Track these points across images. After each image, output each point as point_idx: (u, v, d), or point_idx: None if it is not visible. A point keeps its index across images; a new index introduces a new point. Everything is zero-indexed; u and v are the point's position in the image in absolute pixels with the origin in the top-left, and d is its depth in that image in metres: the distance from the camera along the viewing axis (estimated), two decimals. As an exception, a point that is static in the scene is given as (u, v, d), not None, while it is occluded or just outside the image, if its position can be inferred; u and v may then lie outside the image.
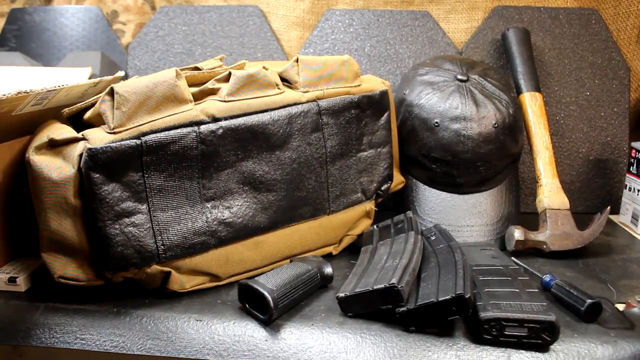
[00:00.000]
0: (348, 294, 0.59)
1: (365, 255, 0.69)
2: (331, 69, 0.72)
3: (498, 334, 0.54)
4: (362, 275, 0.62)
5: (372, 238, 0.73)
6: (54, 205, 0.57)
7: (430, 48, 1.05)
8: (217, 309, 0.61)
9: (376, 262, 0.65)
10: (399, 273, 0.57)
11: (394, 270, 0.58)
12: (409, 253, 0.62)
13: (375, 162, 0.77)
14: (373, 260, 0.66)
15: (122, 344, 0.58)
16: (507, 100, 0.83)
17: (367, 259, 0.67)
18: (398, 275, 0.57)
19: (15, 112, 0.61)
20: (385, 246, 0.68)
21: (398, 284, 0.55)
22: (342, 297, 0.59)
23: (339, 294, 0.60)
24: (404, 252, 0.63)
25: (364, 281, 0.60)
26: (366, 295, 0.57)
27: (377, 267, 0.63)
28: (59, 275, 0.59)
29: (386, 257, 0.64)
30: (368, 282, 0.59)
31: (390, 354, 0.55)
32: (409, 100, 0.85)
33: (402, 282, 0.56)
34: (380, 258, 0.65)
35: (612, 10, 1.02)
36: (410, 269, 0.59)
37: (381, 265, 0.62)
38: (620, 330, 0.57)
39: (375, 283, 0.57)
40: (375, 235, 0.73)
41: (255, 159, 0.65)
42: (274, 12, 1.11)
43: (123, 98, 0.58)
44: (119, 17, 1.17)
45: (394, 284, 0.55)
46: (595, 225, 0.79)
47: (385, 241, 0.70)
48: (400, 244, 0.66)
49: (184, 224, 0.62)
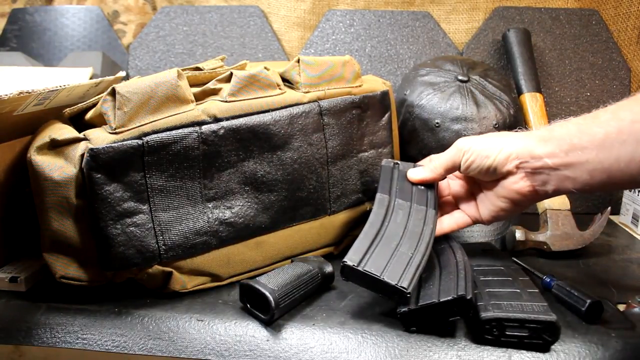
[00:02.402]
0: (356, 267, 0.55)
1: (380, 210, 0.63)
2: (332, 70, 0.72)
3: (499, 334, 0.54)
4: (374, 247, 0.58)
5: (390, 184, 0.66)
6: (56, 205, 0.57)
7: (431, 48, 1.05)
8: (219, 309, 0.61)
9: (390, 236, 0.60)
10: (410, 275, 0.55)
11: (406, 266, 0.56)
12: (425, 245, 0.59)
13: (376, 162, 0.77)
14: (388, 228, 0.61)
15: (123, 344, 0.58)
16: (507, 100, 0.83)
17: (381, 221, 0.62)
18: (409, 278, 0.55)
19: (17, 112, 0.61)
20: (403, 212, 0.63)
21: (408, 288, 0.54)
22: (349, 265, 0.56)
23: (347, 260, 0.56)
24: (420, 241, 0.59)
25: (375, 259, 0.57)
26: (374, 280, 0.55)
27: (391, 244, 0.59)
28: (61, 275, 0.59)
29: (402, 235, 0.60)
30: (379, 264, 0.56)
31: (392, 354, 0.55)
32: (410, 100, 0.85)
33: (411, 286, 0.54)
34: (395, 232, 0.61)
35: (612, 11, 1.02)
36: (421, 268, 0.57)
37: (395, 245, 0.59)
38: (621, 330, 0.57)
39: (386, 273, 0.55)
40: (395, 182, 0.66)
41: (257, 159, 0.65)
42: (275, 12, 1.11)
43: (125, 98, 0.58)
44: (120, 17, 1.17)
45: (405, 288, 0.53)
46: (596, 225, 0.79)
47: (404, 204, 0.64)
48: (419, 220, 0.62)
49: (186, 224, 0.62)
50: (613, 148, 0.49)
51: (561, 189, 0.55)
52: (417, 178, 0.64)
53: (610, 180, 0.51)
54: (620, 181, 0.51)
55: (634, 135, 0.48)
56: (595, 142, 0.51)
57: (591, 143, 0.51)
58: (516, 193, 0.58)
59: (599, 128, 0.51)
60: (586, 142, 0.51)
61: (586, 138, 0.51)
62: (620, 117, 0.50)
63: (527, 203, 0.59)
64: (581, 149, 0.51)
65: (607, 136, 0.50)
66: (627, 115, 0.49)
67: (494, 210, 0.61)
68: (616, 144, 0.49)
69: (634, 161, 0.49)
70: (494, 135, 0.61)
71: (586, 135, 0.51)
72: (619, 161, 0.49)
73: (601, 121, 0.51)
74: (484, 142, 0.59)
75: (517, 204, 0.60)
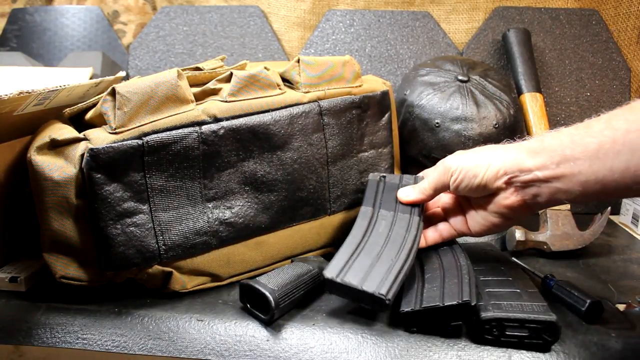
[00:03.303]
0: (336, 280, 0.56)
1: (363, 222, 0.64)
2: (332, 70, 0.72)
3: (499, 334, 0.54)
4: (355, 256, 0.59)
5: (375, 196, 0.67)
6: (56, 206, 0.57)
7: (431, 48, 1.06)
8: (219, 309, 0.61)
9: (373, 244, 0.61)
10: (390, 282, 0.55)
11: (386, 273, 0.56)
12: (407, 252, 0.59)
13: (376, 162, 0.77)
14: (370, 237, 0.62)
15: (123, 344, 0.58)
16: (507, 100, 0.83)
17: (364, 231, 0.63)
18: (388, 284, 0.55)
19: (17, 112, 0.61)
20: (385, 222, 0.64)
21: (387, 295, 0.53)
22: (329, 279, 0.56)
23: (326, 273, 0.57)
24: (402, 248, 0.60)
25: (355, 268, 0.57)
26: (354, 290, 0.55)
27: (373, 252, 0.60)
28: (61, 275, 0.59)
29: (384, 242, 0.61)
30: (358, 274, 0.56)
31: (392, 354, 0.55)
32: (410, 100, 0.85)
33: (390, 293, 0.54)
34: (377, 239, 0.62)
35: (612, 11, 1.02)
36: (402, 275, 0.57)
37: (378, 252, 0.59)
38: (621, 330, 0.57)
39: (366, 282, 0.55)
40: (379, 195, 0.67)
41: (257, 159, 0.65)
42: (275, 12, 1.11)
43: (125, 98, 0.58)
44: (120, 17, 1.17)
45: (383, 296, 0.53)
46: (596, 225, 0.79)
47: (388, 214, 0.65)
48: (401, 228, 0.62)
49: (186, 224, 0.62)
50: (607, 158, 0.48)
51: (553, 200, 0.54)
52: (407, 200, 0.64)
53: (604, 191, 0.50)
54: (615, 191, 0.50)
55: (628, 145, 0.47)
56: (588, 152, 0.49)
57: (584, 154, 0.50)
58: (507, 208, 0.57)
59: (592, 138, 0.49)
60: (579, 152, 0.50)
61: (579, 149, 0.50)
62: (614, 126, 0.48)
63: (520, 217, 0.59)
64: (573, 160, 0.50)
65: (600, 146, 0.48)
66: (621, 124, 0.48)
67: (485, 225, 0.60)
68: (610, 154, 0.48)
69: (629, 171, 0.47)
70: (482, 150, 0.59)
71: (579, 145, 0.50)
72: (613, 172, 0.48)
73: (594, 131, 0.50)
74: (471, 160, 0.58)
75: (509, 218, 0.59)
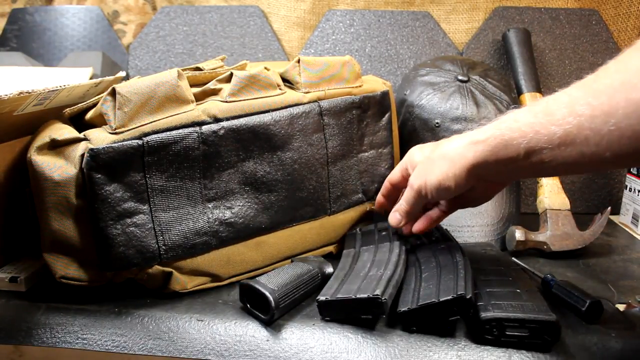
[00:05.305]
0: (329, 298, 0.58)
1: (347, 259, 0.68)
2: (332, 70, 0.72)
3: (499, 334, 0.54)
4: (344, 281, 0.61)
5: (354, 242, 0.72)
6: (56, 206, 0.57)
7: (431, 48, 1.06)
8: (219, 309, 0.61)
9: (359, 269, 0.63)
10: (383, 284, 0.56)
11: (377, 281, 0.57)
12: (394, 265, 0.61)
13: (376, 162, 0.77)
14: (356, 266, 0.65)
15: (123, 344, 0.58)
16: (507, 100, 0.83)
17: (349, 264, 0.66)
18: (382, 287, 0.56)
19: (17, 112, 0.61)
20: (368, 253, 0.67)
21: (382, 295, 0.55)
22: (322, 301, 0.58)
23: (320, 297, 0.58)
24: (388, 263, 0.62)
25: (346, 287, 0.59)
26: (348, 302, 0.56)
27: (360, 274, 0.62)
28: (61, 275, 0.59)
29: (369, 265, 0.63)
30: (350, 289, 0.58)
31: (392, 354, 0.55)
32: (410, 100, 0.85)
33: (386, 294, 0.55)
34: (363, 265, 0.64)
35: (612, 11, 1.02)
36: (394, 281, 0.58)
37: (364, 273, 0.61)
38: (621, 330, 0.57)
39: (359, 292, 0.56)
40: (358, 240, 0.72)
41: (257, 160, 0.65)
42: (275, 12, 1.11)
43: (125, 98, 0.58)
44: (120, 17, 1.17)
45: (378, 296, 0.54)
46: (596, 225, 0.79)
47: (369, 247, 0.69)
48: (384, 253, 0.65)
49: (186, 224, 0.62)
50: (575, 145, 0.47)
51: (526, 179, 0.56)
52: (397, 225, 0.66)
53: (577, 170, 0.52)
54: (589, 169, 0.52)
55: (595, 130, 0.45)
56: (553, 142, 0.48)
57: (550, 143, 0.49)
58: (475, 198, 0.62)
59: (556, 127, 0.48)
60: (544, 143, 0.49)
61: (544, 139, 0.49)
62: (577, 112, 0.47)
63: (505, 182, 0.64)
64: (539, 150, 0.49)
65: (567, 135, 0.47)
66: (584, 109, 0.46)
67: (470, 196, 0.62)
68: (577, 140, 0.47)
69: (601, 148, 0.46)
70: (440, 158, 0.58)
71: (543, 136, 0.49)
72: (584, 155, 0.47)
73: (557, 118, 0.48)
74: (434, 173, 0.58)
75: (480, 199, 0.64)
